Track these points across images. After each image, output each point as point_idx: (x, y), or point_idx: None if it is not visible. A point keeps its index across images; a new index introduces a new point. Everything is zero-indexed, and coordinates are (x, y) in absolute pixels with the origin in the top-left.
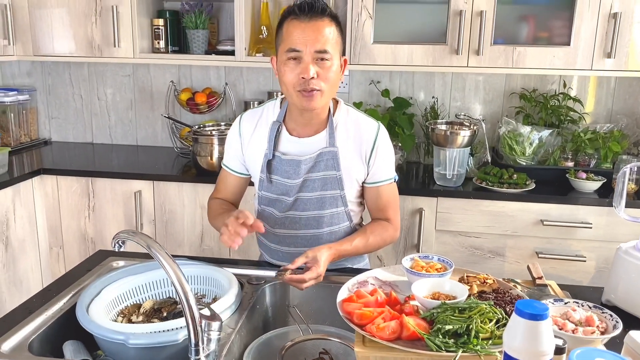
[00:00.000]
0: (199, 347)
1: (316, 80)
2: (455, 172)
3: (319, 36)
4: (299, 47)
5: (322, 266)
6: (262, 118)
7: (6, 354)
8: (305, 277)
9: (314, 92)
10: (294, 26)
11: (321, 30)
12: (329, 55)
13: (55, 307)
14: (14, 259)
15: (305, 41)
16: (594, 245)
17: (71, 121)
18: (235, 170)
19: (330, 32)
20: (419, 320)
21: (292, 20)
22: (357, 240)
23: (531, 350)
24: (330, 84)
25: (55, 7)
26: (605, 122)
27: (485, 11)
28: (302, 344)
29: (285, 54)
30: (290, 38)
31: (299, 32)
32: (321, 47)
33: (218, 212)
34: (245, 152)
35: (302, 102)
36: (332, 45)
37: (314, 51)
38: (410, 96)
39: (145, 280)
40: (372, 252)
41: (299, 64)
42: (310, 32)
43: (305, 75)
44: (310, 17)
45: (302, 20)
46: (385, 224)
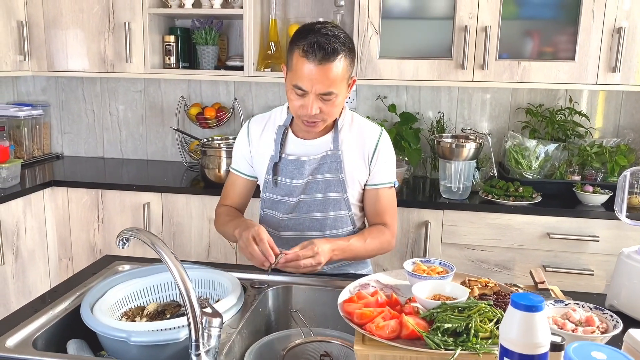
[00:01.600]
0: (199, 343)
1: (318, 115)
2: (461, 184)
3: (325, 80)
4: (305, 87)
5: (318, 245)
6: (269, 122)
7: (10, 349)
8: (300, 253)
9: (316, 122)
10: (302, 64)
11: (328, 73)
12: (333, 95)
13: (60, 307)
14: (23, 269)
15: (311, 83)
16: (601, 259)
17: (83, 136)
18: (243, 172)
19: (338, 72)
20: (419, 320)
21: (302, 57)
22: (354, 239)
23: (526, 342)
24: (333, 114)
25: (69, 24)
26: (612, 137)
27: (490, 26)
28: (303, 346)
29: (291, 82)
30: (297, 75)
31: (307, 73)
32: (326, 90)
33: (226, 219)
34: (253, 153)
35: (303, 127)
36: (338, 83)
37: (318, 93)
38: (417, 111)
39: (150, 283)
40: (370, 256)
41: (303, 97)
42: (317, 75)
43: (309, 111)
44: (319, 60)
45: (310, 61)
46: (382, 228)
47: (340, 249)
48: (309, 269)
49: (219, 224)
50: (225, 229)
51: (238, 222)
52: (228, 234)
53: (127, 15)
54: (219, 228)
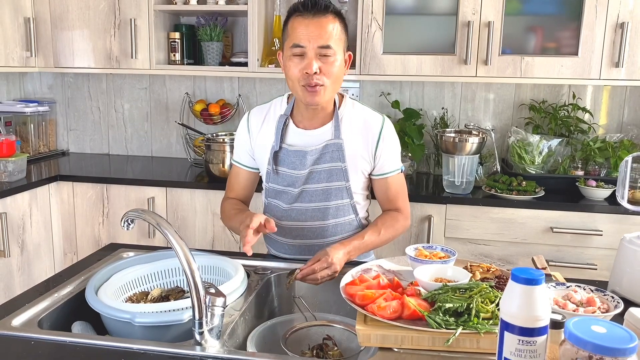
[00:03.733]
0: (202, 321)
1: (319, 76)
2: (464, 179)
3: (322, 32)
4: (303, 42)
5: (332, 256)
6: (269, 112)
7: (17, 328)
8: (316, 267)
9: (317, 87)
10: (298, 22)
11: (324, 26)
12: (332, 51)
13: (65, 291)
14: (29, 263)
15: (308, 37)
16: (604, 253)
17: (89, 133)
18: (245, 164)
19: (333, 28)
20: (420, 301)
21: (297, 17)
22: (368, 234)
23: (527, 315)
24: (334, 79)
25: (76, 20)
26: (616, 133)
27: (493, 22)
28: (306, 330)
29: (290, 50)
30: (295, 34)
31: (303, 29)
32: (324, 43)
33: (232, 213)
34: (254, 145)
35: (306, 97)
36: (335, 40)
37: (317, 47)
38: (420, 108)
39: (154, 269)
40: (386, 243)
41: (302, 59)
42: (313, 28)
43: (309, 70)
44: (313, 14)
45: (305, 17)
46: (395, 214)
47: (355, 248)
48: (327, 279)
49: (225, 218)
50: (231, 223)
51: (243, 217)
52: (234, 228)
53: (132, 11)
54: (225, 222)
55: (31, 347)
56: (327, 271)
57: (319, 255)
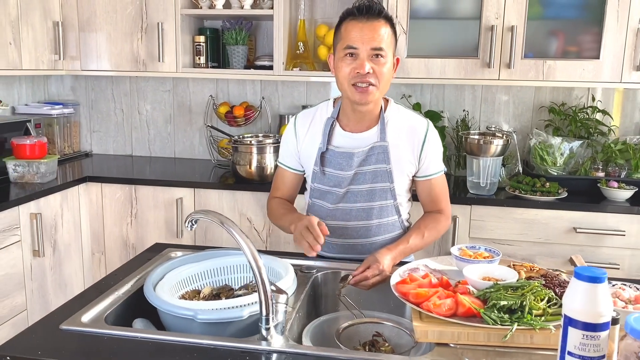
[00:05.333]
0: (269, 317)
1: (371, 75)
2: (489, 180)
3: (375, 35)
4: (356, 44)
5: (383, 263)
6: (315, 116)
7: (87, 324)
8: (368, 274)
9: (369, 87)
10: (352, 25)
11: (377, 29)
12: (384, 53)
13: (124, 288)
14: (60, 263)
15: (362, 39)
16: (627, 253)
17: (112, 134)
18: (290, 167)
19: (385, 32)
20: (474, 299)
21: (351, 20)
22: (412, 238)
23: (590, 311)
24: (384, 81)
25: (103, 24)
26: (635, 135)
27: (516, 26)
28: (356, 327)
29: (343, 51)
30: (349, 36)
31: (357, 31)
32: (377, 45)
33: (280, 212)
34: (301, 148)
35: (356, 96)
36: (386, 43)
37: (370, 48)
38: (441, 110)
39: (204, 268)
40: (429, 245)
41: (355, 59)
42: (367, 31)
43: (361, 70)
44: (367, 17)
45: (359, 21)
46: (437, 215)
47: (401, 253)
48: (378, 285)
49: (274, 217)
50: (281, 222)
51: (293, 218)
52: (284, 227)
53: (160, 15)
54: (274, 220)
55: (104, 342)
56: (379, 278)
57: (369, 262)
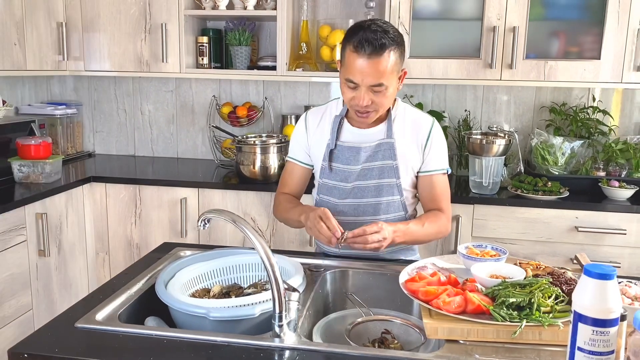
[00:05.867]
0: (282, 314)
1: (370, 106)
2: (491, 180)
3: (375, 72)
4: (356, 80)
5: (381, 224)
6: (325, 113)
7: (101, 322)
8: (366, 229)
9: (367, 114)
10: (353, 59)
11: (378, 66)
12: (384, 87)
13: (135, 287)
14: (65, 263)
15: (361, 77)
16: (629, 252)
17: (114, 135)
18: (301, 160)
19: (387, 65)
20: (482, 296)
21: (352, 52)
22: (412, 223)
23: (600, 307)
24: (385, 105)
25: (107, 25)
26: (634, 135)
27: (518, 27)
28: (365, 324)
29: (344, 77)
30: (349, 69)
31: (358, 67)
32: (376, 82)
33: (288, 206)
34: (311, 142)
35: (357, 118)
36: (388, 75)
37: (369, 85)
38: (443, 110)
39: (213, 267)
40: (428, 240)
41: (355, 90)
42: (367, 68)
43: (359, 102)
44: (369, 54)
45: (361, 56)
46: (438, 213)
47: (402, 231)
48: (376, 244)
49: (281, 211)
50: (288, 216)
51: (302, 209)
52: (291, 220)
53: (163, 16)
54: (280, 215)
55: (119, 340)
56: (377, 236)
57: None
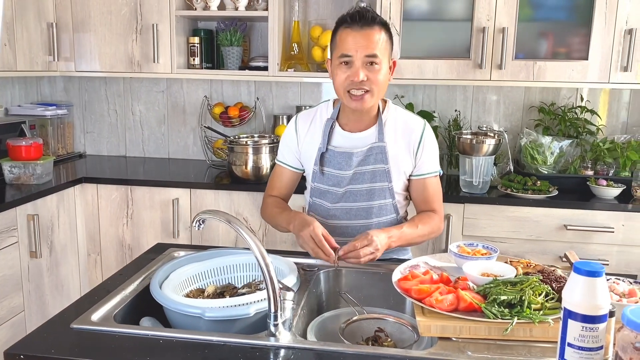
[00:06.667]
0: (277, 313)
1: (365, 83)
2: (481, 179)
3: (369, 42)
4: (351, 52)
5: (372, 235)
6: (316, 116)
7: (97, 323)
8: (357, 244)
9: (364, 94)
10: (347, 34)
11: (371, 37)
12: (378, 60)
13: (130, 288)
14: (57, 264)
15: (356, 47)
16: (616, 250)
17: (105, 135)
18: (290, 164)
19: (379, 39)
20: (474, 294)
21: (345, 28)
22: (406, 226)
23: (589, 304)
24: (379, 86)
25: (98, 25)
26: (621, 134)
27: (507, 27)
28: (358, 323)
29: (338, 59)
30: (343, 44)
31: (351, 39)
32: (371, 52)
33: (275, 210)
34: (301, 147)
35: (351, 104)
36: (381, 50)
37: (364, 56)
38: (433, 110)
39: (207, 267)
40: (422, 241)
41: (350, 68)
42: (360, 39)
43: (355, 78)
44: (361, 25)
45: (353, 29)
46: (431, 214)
47: (397, 236)
48: (369, 256)
49: (268, 215)
50: (276, 221)
51: (289, 216)
52: (279, 226)
53: (154, 17)
54: (267, 218)
55: (115, 340)
56: (369, 248)
57: (359, 236)
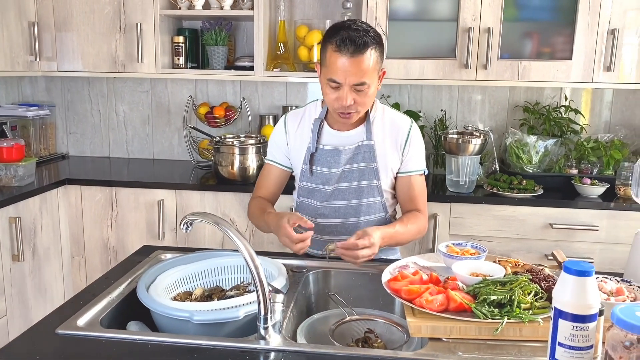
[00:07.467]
0: (267, 316)
1: (352, 106)
2: (467, 178)
3: (357, 71)
4: (339, 79)
5: (373, 237)
6: (304, 116)
7: (83, 328)
8: (358, 243)
9: (351, 113)
10: (336, 58)
11: (361, 65)
12: (366, 86)
13: (116, 292)
14: (39, 267)
15: (344, 75)
16: (601, 247)
17: (88, 136)
18: (279, 162)
19: (369, 63)
20: (464, 294)
21: (335, 52)
22: (397, 226)
23: (579, 303)
24: (366, 104)
25: (80, 24)
26: (604, 133)
27: (492, 28)
28: (348, 324)
29: (326, 77)
30: (332, 69)
31: (340, 66)
32: (359, 81)
33: (257, 212)
34: (291, 145)
35: (339, 119)
36: (370, 73)
37: (352, 84)
38: (419, 109)
39: (194, 269)
40: (410, 240)
41: (337, 91)
42: (350, 67)
43: (343, 103)
44: (351, 53)
45: (343, 55)
46: (417, 214)
47: (388, 236)
48: (366, 258)
49: (252, 217)
50: (258, 222)
51: (269, 219)
52: (262, 227)
53: (138, 16)
54: (252, 221)
55: (102, 345)
56: (368, 251)
57: (359, 234)
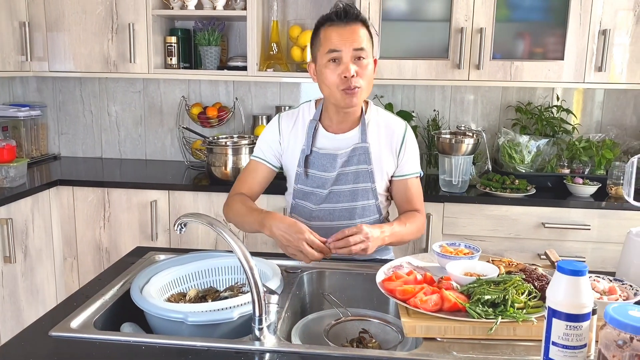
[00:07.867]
0: (262, 317)
1: (356, 78)
2: (460, 178)
3: (355, 36)
4: (339, 47)
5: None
6: (299, 117)
7: (77, 330)
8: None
9: (356, 89)
10: (332, 30)
11: (357, 31)
12: (366, 53)
13: (110, 293)
14: (32, 269)
15: (344, 42)
16: (593, 247)
17: (80, 137)
18: (268, 161)
19: (364, 34)
20: (458, 294)
21: (329, 26)
22: (396, 224)
23: (573, 302)
24: (367, 82)
25: (72, 24)
26: (596, 133)
27: (485, 28)
28: (343, 324)
29: (325, 57)
30: (330, 41)
31: (338, 35)
32: (358, 45)
33: (243, 210)
34: (284, 146)
35: (345, 100)
36: (366, 44)
37: (352, 50)
38: (412, 110)
39: (188, 271)
40: (409, 239)
41: (339, 65)
42: (347, 34)
43: (347, 74)
44: (346, 22)
45: (338, 25)
46: (415, 213)
47: (389, 232)
48: (360, 245)
49: (235, 214)
50: (243, 219)
51: (261, 217)
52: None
53: (131, 16)
54: (233, 217)
55: (96, 347)
56: (359, 236)
57: (352, 229)
